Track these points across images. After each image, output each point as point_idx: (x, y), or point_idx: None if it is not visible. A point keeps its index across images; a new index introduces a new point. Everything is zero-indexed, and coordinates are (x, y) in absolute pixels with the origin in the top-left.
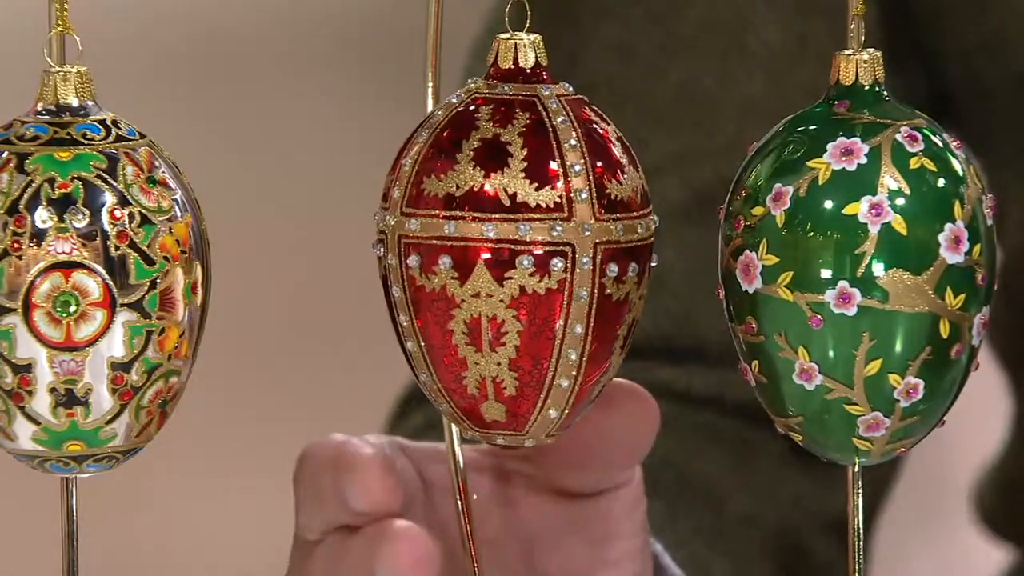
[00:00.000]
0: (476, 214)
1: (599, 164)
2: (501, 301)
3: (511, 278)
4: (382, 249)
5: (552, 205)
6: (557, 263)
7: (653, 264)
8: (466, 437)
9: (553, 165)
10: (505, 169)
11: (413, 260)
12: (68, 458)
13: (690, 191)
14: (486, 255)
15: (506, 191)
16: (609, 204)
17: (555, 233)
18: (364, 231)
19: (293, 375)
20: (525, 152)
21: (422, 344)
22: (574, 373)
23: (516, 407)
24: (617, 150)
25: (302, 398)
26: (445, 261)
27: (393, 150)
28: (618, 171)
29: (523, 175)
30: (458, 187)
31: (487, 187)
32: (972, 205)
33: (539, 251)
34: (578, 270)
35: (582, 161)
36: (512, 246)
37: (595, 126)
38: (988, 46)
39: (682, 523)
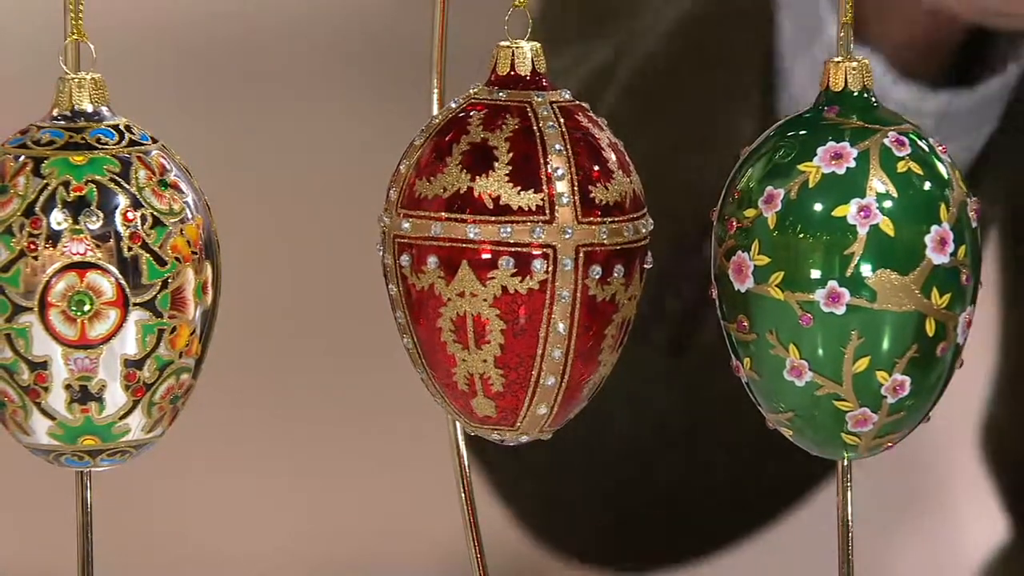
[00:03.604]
0: (461, 216)
1: (586, 169)
2: (484, 300)
3: (494, 278)
4: (381, 249)
5: (534, 208)
6: (538, 265)
7: (647, 266)
8: (468, 433)
9: (537, 170)
10: (490, 172)
11: (405, 259)
12: (83, 452)
13: None
14: (470, 256)
15: (490, 194)
16: (593, 208)
17: (536, 235)
18: (371, 232)
19: (301, 373)
20: (511, 156)
21: (416, 341)
22: (560, 371)
23: (505, 403)
24: (607, 155)
25: (310, 396)
26: (432, 261)
27: (399, 154)
28: (606, 176)
29: (507, 178)
30: (445, 189)
31: (473, 190)
32: (957, 208)
33: (521, 253)
34: (559, 272)
35: (567, 166)
36: (495, 247)
37: (586, 132)
38: None
39: None
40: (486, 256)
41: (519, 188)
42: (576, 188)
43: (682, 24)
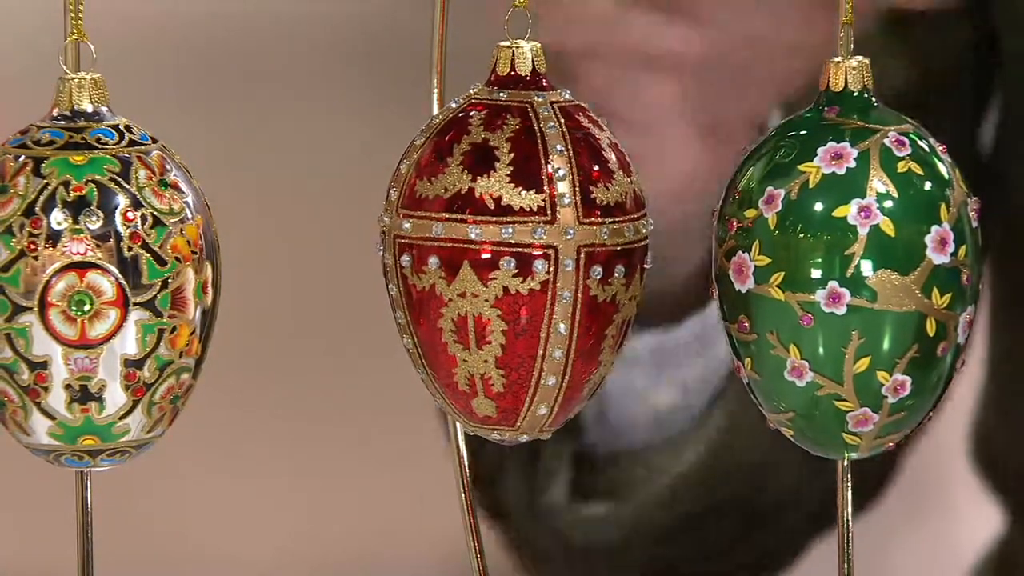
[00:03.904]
0: (463, 216)
1: (587, 169)
2: (486, 301)
3: (495, 279)
4: (381, 248)
5: (536, 208)
6: (539, 265)
7: (647, 266)
8: (468, 433)
9: (538, 170)
10: (492, 173)
11: (406, 260)
12: (83, 452)
13: None
14: (471, 256)
15: (491, 194)
16: (594, 208)
17: (538, 236)
18: (371, 232)
19: (301, 373)
20: (512, 156)
21: (416, 341)
22: (561, 371)
23: (505, 403)
24: (608, 156)
25: (310, 396)
26: (433, 261)
27: (399, 154)
28: (607, 176)
29: (508, 179)
30: (447, 190)
31: (474, 190)
32: (957, 207)
33: (522, 253)
34: (561, 272)
35: (568, 166)
36: (496, 248)
37: (587, 132)
38: None
39: None
40: (488, 256)
41: (520, 188)
42: (577, 188)
43: None
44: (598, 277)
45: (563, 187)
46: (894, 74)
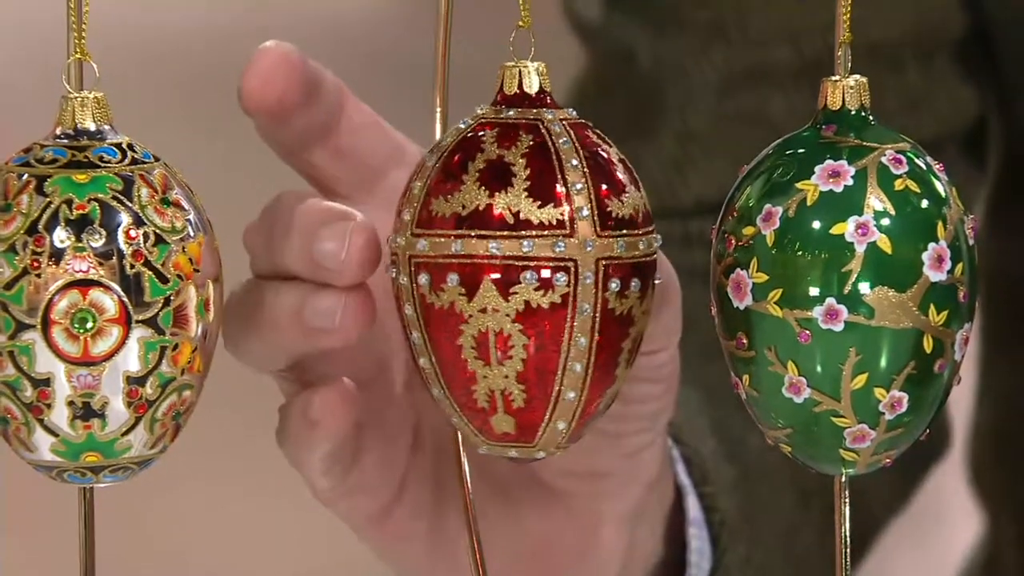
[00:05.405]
0: (481, 232)
1: (600, 184)
2: (507, 316)
3: (516, 293)
4: (394, 270)
5: (555, 223)
6: (560, 278)
7: (657, 280)
8: (480, 451)
9: (555, 184)
10: (509, 188)
11: (423, 279)
12: (85, 468)
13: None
14: (492, 272)
15: (510, 209)
16: (610, 222)
17: (558, 249)
18: None
19: None
20: (528, 172)
21: (433, 360)
22: (580, 385)
23: (525, 419)
24: (619, 170)
25: None
26: (452, 278)
27: None
28: (619, 190)
29: (527, 194)
30: (464, 207)
31: (492, 206)
32: (954, 225)
33: (543, 267)
34: (581, 285)
35: (583, 180)
36: (516, 262)
37: (597, 148)
38: None
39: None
40: (508, 272)
41: (539, 203)
42: (594, 202)
43: None
44: (616, 290)
45: (580, 201)
46: None
